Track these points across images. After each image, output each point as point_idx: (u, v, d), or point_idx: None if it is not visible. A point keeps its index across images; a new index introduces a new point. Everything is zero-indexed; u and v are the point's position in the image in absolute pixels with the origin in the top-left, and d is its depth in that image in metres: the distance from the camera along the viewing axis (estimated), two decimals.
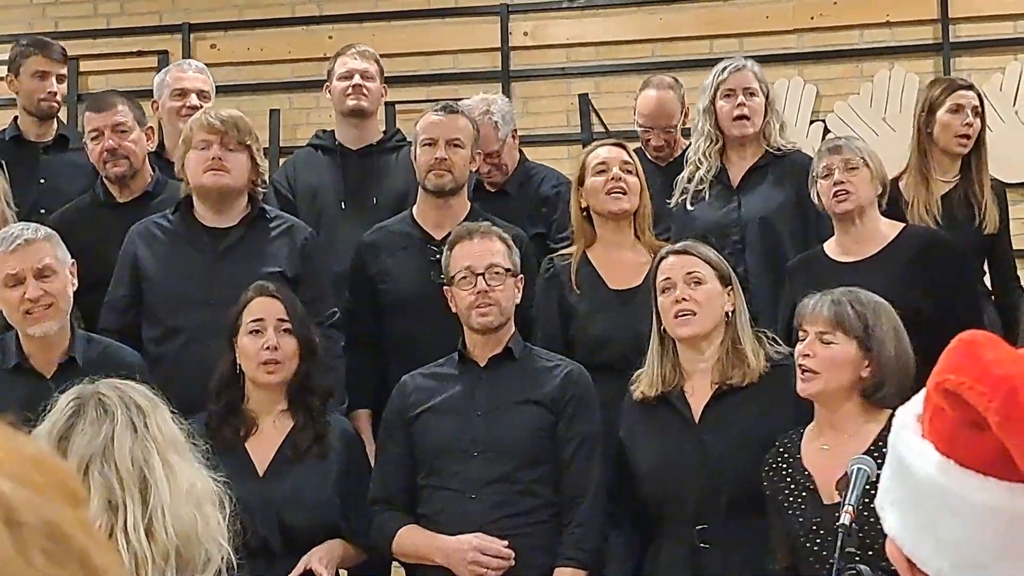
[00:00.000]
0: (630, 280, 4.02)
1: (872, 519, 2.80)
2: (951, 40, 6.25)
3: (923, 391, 1.33)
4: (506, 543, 3.55)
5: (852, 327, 3.21)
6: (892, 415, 3.25)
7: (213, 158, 4.04)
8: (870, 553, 2.85)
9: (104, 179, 4.53)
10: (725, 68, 4.49)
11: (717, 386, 3.52)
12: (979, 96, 4.52)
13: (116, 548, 2.05)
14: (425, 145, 4.24)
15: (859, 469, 2.90)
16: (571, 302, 4.06)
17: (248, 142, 4.11)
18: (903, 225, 4.07)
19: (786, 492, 3.26)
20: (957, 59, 6.24)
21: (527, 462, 3.63)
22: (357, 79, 4.76)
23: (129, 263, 4.14)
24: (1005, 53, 6.23)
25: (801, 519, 3.21)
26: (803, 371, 3.26)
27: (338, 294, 4.33)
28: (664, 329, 3.58)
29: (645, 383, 3.59)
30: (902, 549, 1.26)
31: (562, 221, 4.59)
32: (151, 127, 4.58)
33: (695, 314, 3.50)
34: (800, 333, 3.31)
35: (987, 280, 4.60)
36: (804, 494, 3.23)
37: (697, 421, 3.52)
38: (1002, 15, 6.26)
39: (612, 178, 4.00)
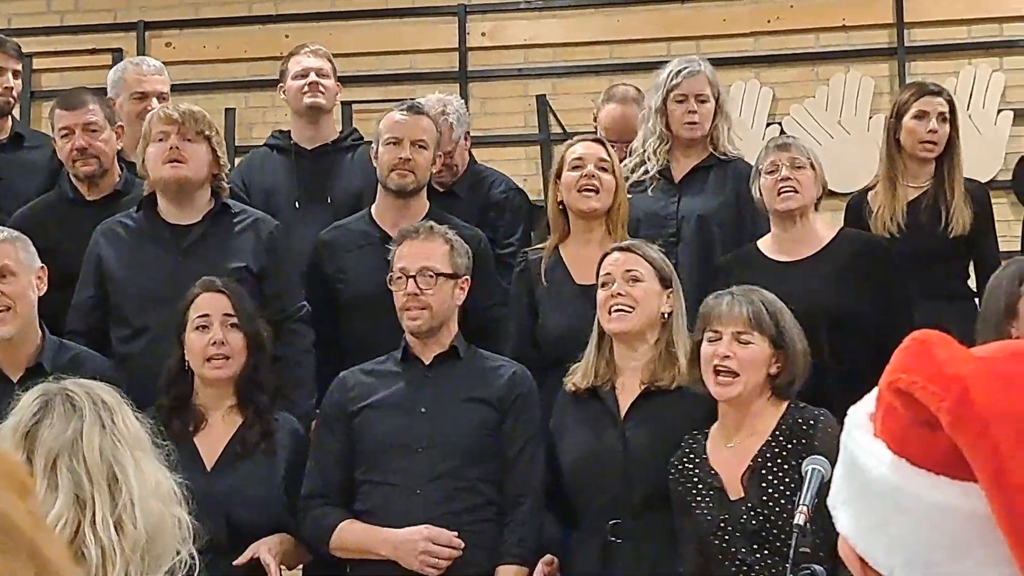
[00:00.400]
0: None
1: (820, 520, 2.81)
2: (906, 44, 6.29)
3: (875, 390, 1.34)
4: (455, 533, 3.56)
5: (767, 326, 3.26)
6: (788, 405, 3.30)
7: (171, 148, 4.02)
8: (821, 554, 2.86)
9: (72, 177, 4.48)
10: (679, 72, 4.50)
11: (646, 385, 3.53)
12: (949, 101, 4.52)
13: (81, 542, 2.05)
14: (389, 144, 4.23)
15: (814, 469, 2.91)
16: (538, 296, 4.06)
17: (207, 133, 4.09)
18: (839, 228, 4.09)
19: (693, 492, 3.28)
20: (912, 63, 6.28)
21: (471, 459, 3.64)
22: (313, 77, 4.74)
23: (94, 264, 4.12)
24: (959, 58, 6.28)
25: (709, 517, 3.23)
26: (721, 373, 3.25)
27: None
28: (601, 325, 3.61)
29: (579, 375, 3.62)
30: (855, 548, 1.27)
31: (509, 227, 4.60)
32: (121, 126, 4.55)
33: (630, 310, 3.51)
34: (710, 334, 3.30)
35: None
36: (711, 492, 3.25)
37: (623, 417, 3.53)
38: (956, 20, 6.31)
39: (585, 175, 4.00)
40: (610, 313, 3.54)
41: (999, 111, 6.19)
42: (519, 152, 6.45)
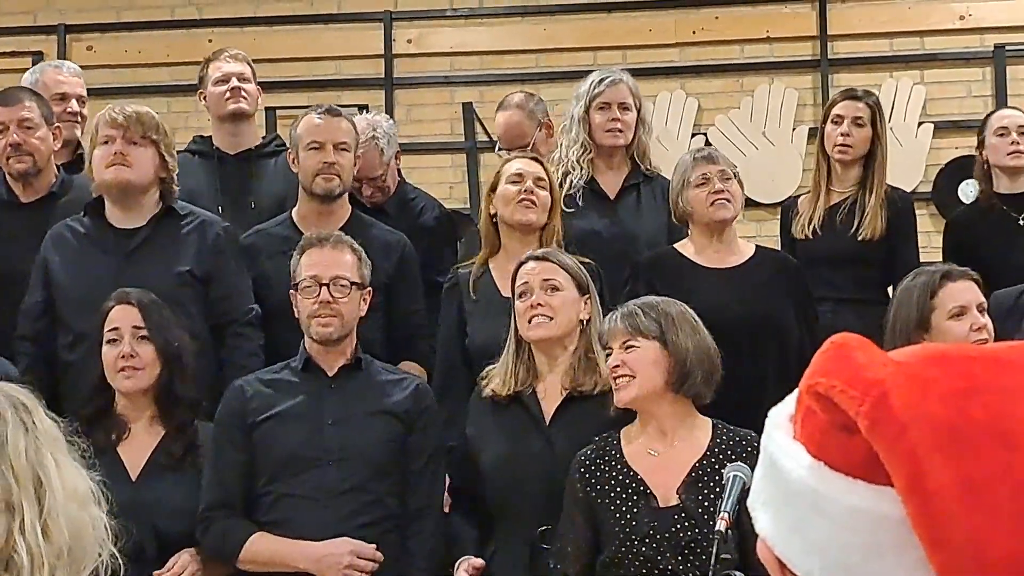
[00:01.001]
0: None
1: (742, 527, 2.82)
2: (829, 57, 6.37)
3: (795, 392, 1.33)
4: (375, 546, 3.53)
5: (648, 328, 3.29)
6: (715, 424, 3.31)
7: (115, 152, 3.98)
8: (742, 561, 2.87)
9: (7, 177, 4.41)
10: (602, 80, 4.52)
11: (568, 391, 3.53)
12: (871, 106, 4.57)
13: (12, 548, 2.00)
14: (311, 149, 4.18)
15: (735, 476, 2.92)
16: (467, 310, 4.04)
17: (154, 137, 4.03)
18: (755, 245, 4.14)
19: (612, 495, 3.25)
20: (835, 75, 6.35)
21: (378, 472, 3.61)
22: (234, 82, 4.69)
23: (42, 268, 4.06)
24: (882, 70, 6.37)
25: (634, 522, 3.21)
26: (616, 379, 3.28)
27: None
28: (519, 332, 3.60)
29: (497, 382, 3.59)
30: (773, 549, 1.26)
31: (441, 255, 4.57)
32: (59, 126, 4.47)
33: (550, 319, 3.51)
34: (607, 352, 3.36)
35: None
36: (635, 496, 3.23)
37: (547, 422, 3.52)
38: (879, 33, 6.39)
39: (525, 190, 3.98)
40: (529, 322, 3.53)
41: (920, 123, 6.28)
42: (445, 159, 6.44)
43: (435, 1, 6.63)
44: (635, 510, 3.21)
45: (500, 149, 4.84)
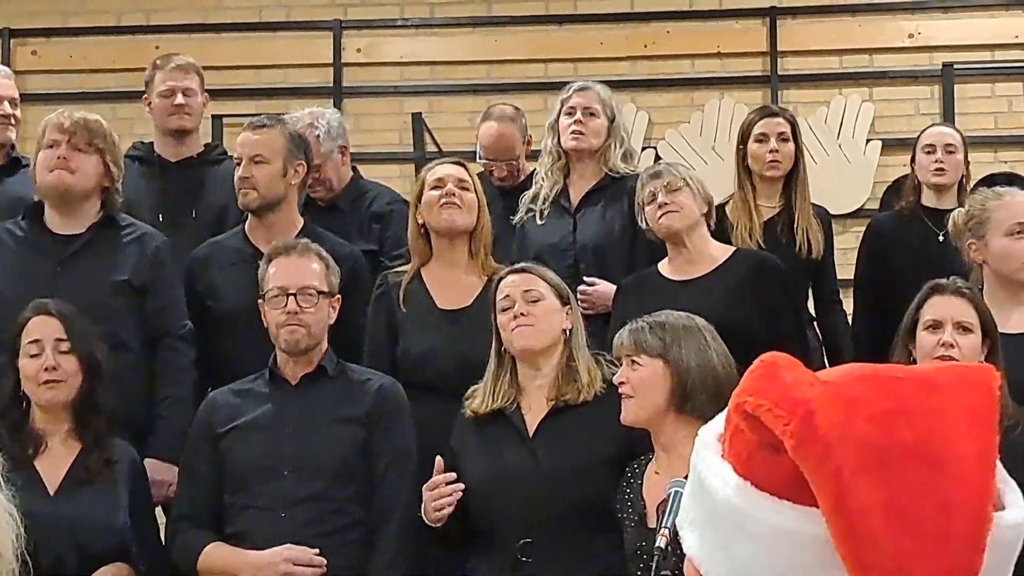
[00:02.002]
0: (460, 300, 3.98)
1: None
2: (779, 73, 6.39)
3: (724, 411, 1.32)
4: (316, 551, 3.50)
5: (651, 346, 3.27)
6: None
7: (58, 157, 3.94)
8: None
9: None
10: (571, 87, 4.54)
11: (552, 403, 3.52)
12: (791, 122, 4.60)
13: None
14: (236, 164, 4.18)
15: (676, 492, 2.90)
16: (399, 319, 4.01)
17: (100, 145, 4.00)
18: (734, 248, 4.12)
19: (624, 518, 3.29)
20: (785, 91, 6.38)
21: (339, 480, 3.58)
22: (179, 98, 4.63)
23: None
24: (830, 87, 6.40)
25: (628, 543, 3.23)
26: (622, 398, 3.30)
27: None
28: (503, 349, 3.57)
29: (479, 400, 3.57)
30: (699, 569, 1.25)
31: (397, 238, 4.54)
32: None
33: (533, 327, 3.51)
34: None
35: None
36: (636, 518, 3.25)
37: (531, 435, 3.51)
38: (828, 50, 6.43)
39: (446, 192, 3.95)
40: (514, 332, 3.52)
41: (868, 140, 6.32)
42: (394, 170, 6.41)
43: (385, 11, 6.61)
44: (632, 531, 3.24)
45: (483, 159, 4.81)
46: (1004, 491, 1.26)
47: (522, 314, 3.50)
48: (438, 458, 3.46)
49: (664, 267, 4.05)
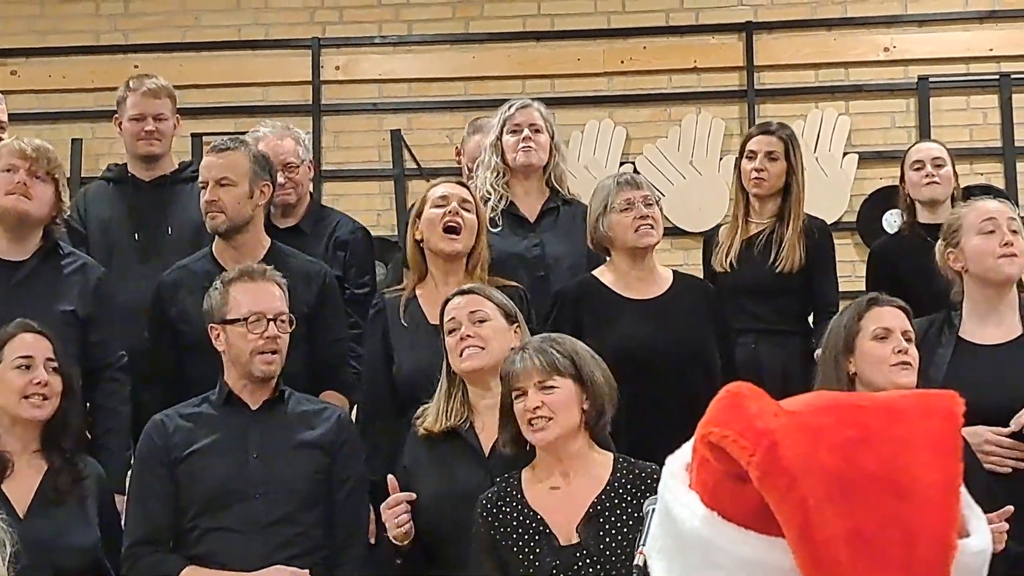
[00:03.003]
0: None
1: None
2: (756, 87, 6.41)
3: (691, 440, 1.33)
4: (307, 572, 3.51)
5: (564, 366, 3.23)
6: (616, 457, 3.28)
7: (18, 182, 3.96)
8: None
9: None
10: (512, 105, 4.56)
11: (503, 433, 3.51)
12: (784, 139, 4.60)
13: None
14: (201, 187, 4.18)
15: (653, 510, 2.90)
16: (393, 338, 4.00)
17: (55, 174, 4.04)
18: (672, 271, 4.13)
19: (514, 537, 3.22)
20: (761, 106, 6.40)
21: (304, 505, 3.60)
22: (150, 123, 4.63)
23: None
24: (807, 101, 6.42)
25: (537, 563, 3.18)
26: (534, 421, 3.21)
27: (131, 327, 4.22)
28: (452, 369, 3.56)
29: (431, 419, 3.55)
30: None
31: (361, 268, 4.55)
32: None
33: (482, 349, 3.49)
34: (516, 393, 3.25)
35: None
36: (537, 536, 3.20)
37: (487, 455, 3.50)
38: (804, 64, 6.45)
39: (449, 211, 3.94)
40: (461, 355, 3.50)
41: (845, 154, 6.34)
42: (373, 187, 6.41)
43: (363, 28, 6.61)
44: (537, 550, 3.17)
45: (470, 171, 4.81)
46: (969, 517, 1.27)
47: (469, 335, 3.50)
48: (390, 477, 3.44)
49: (611, 281, 4.02)
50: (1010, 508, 3.14)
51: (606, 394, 3.24)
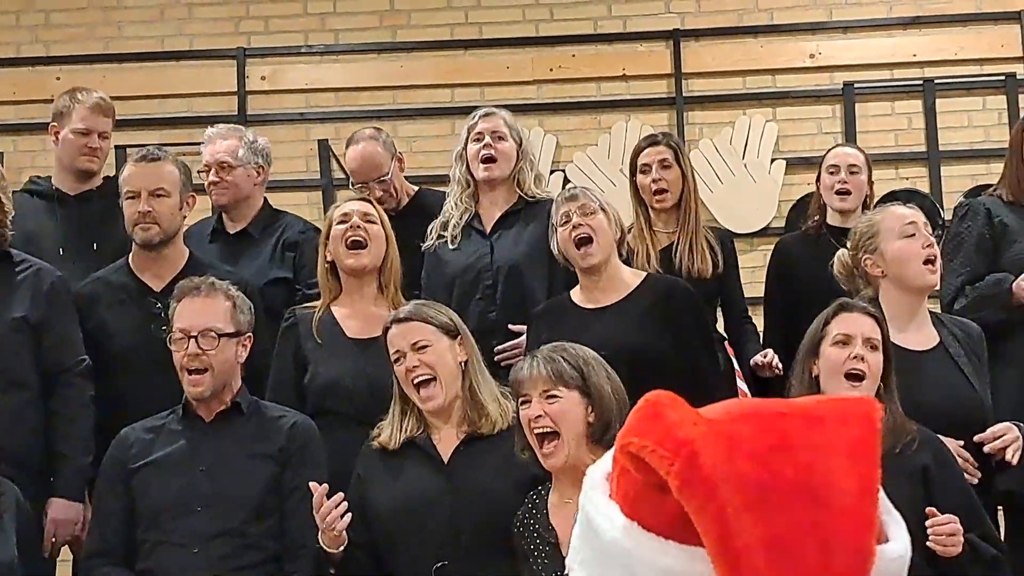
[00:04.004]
0: (370, 331, 3.95)
1: None
2: (684, 94, 6.44)
3: (611, 451, 1.32)
4: None
5: (571, 377, 3.23)
6: None
7: None
8: None
9: None
10: (477, 114, 4.53)
11: (466, 432, 3.50)
12: (672, 147, 4.58)
13: None
14: (128, 198, 4.10)
15: None
16: (307, 351, 3.97)
17: None
18: (645, 274, 4.12)
19: (532, 549, 3.25)
20: (690, 113, 6.43)
21: (253, 516, 3.56)
22: (95, 141, 4.55)
23: None
24: (735, 107, 6.46)
25: (544, 574, 3.20)
26: (542, 437, 3.21)
27: None
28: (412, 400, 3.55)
29: (387, 435, 3.54)
30: None
31: (312, 267, 4.51)
32: None
33: (434, 378, 3.48)
34: (522, 399, 3.27)
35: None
36: (547, 549, 3.22)
37: (446, 462, 3.48)
38: (732, 71, 6.49)
39: (351, 226, 3.93)
40: (419, 391, 3.49)
41: (772, 160, 6.38)
42: (301, 197, 6.37)
43: (289, 38, 6.57)
44: (546, 562, 3.20)
45: (354, 184, 4.77)
46: (887, 523, 1.27)
47: (415, 366, 3.48)
48: (312, 484, 3.38)
49: (576, 295, 4.03)
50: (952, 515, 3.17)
51: (613, 407, 3.22)
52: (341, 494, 3.38)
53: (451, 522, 3.41)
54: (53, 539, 3.85)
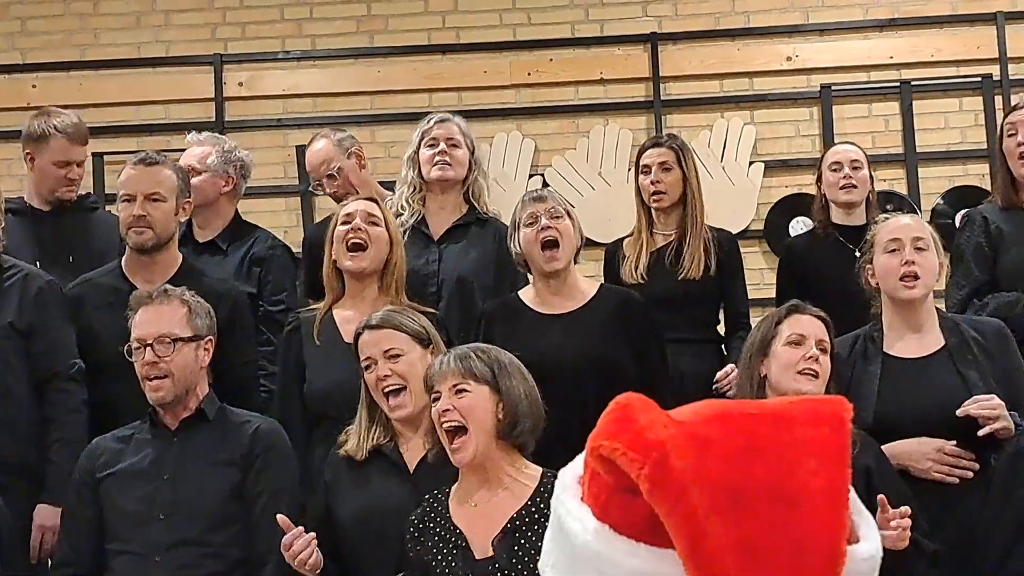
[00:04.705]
0: None
1: None
2: (662, 98, 6.44)
3: (583, 453, 1.32)
4: None
5: (481, 372, 3.22)
6: (544, 473, 3.27)
7: None
8: None
9: None
10: (431, 119, 4.54)
11: (434, 443, 3.48)
12: (675, 149, 4.61)
13: None
14: (124, 201, 4.06)
15: None
16: (307, 355, 3.96)
17: None
18: (599, 284, 4.13)
19: (435, 551, 3.20)
20: (668, 116, 6.43)
21: (216, 524, 3.54)
22: (74, 171, 4.52)
23: None
24: (713, 111, 6.47)
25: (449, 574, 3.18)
26: (451, 432, 3.18)
27: None
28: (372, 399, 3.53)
29: (353, 443, 3.52)
30: None
31: (277, 283, 4.50)
32: None
33: (404, 388, 3.46)
34: (433, 396, 3.25)
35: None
36: (455, 551, 3.18)
37: (412, 470, 3.47)
38: (709, 74, 6.49)
39: (353, 228, 3.92)
40: (388, 399, 3.46)
41: (751, 163, 6.39)
42: (279, 203, 6.36)
43: (266, 44, 6.56)
44: (453, 564, 3.16)
45: (314, 183, 4.83)
46: (858, 523, 1.27)
47: (386, 375, 3.46)
48: (279, 516, 3.33)
49: (530, 298, 4.02)
50: (907, 509, 3.19)
51: (523, 404, 3.21)
52: (313, 535, 3.34)
53: None
54: (40, 545, 3.83)
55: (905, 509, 3.18)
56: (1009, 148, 4.41)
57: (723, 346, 4.57)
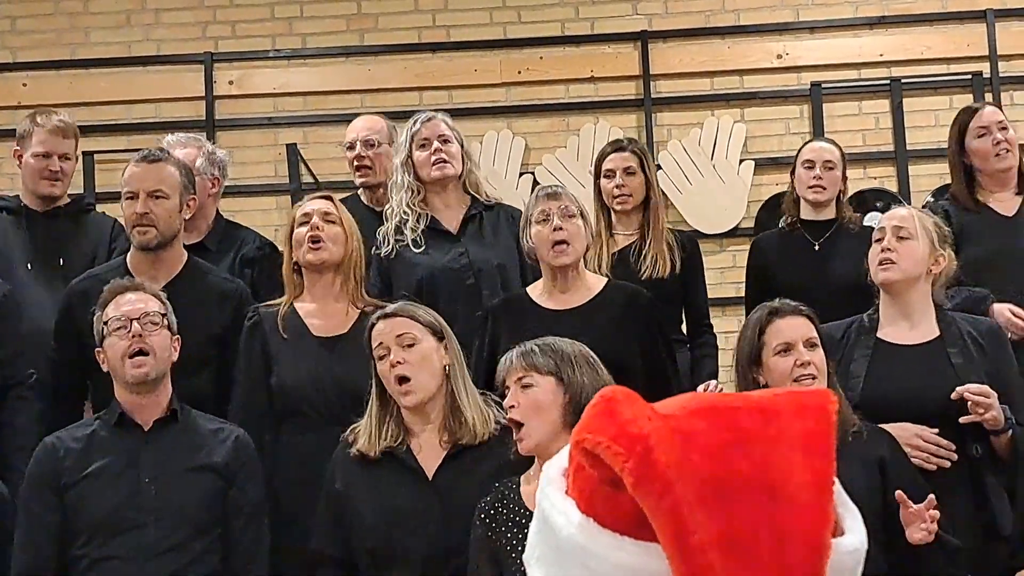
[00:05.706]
0: (335, 328, 3.94)
1: None
2: (652, 96, 6.44)
3: (567, 447, 1.32)
4: None
5: (544, 364, 3.26)
6: None
7: None
8: None
9: None
10: (416, 120, 4.53)
11: (449, 446, 3.47)
12: (637, 153, 4.65)
13: None
14: (127, 199, 4.04)
15: None
16: (273, 349, 3.95)
17: None
18: (606, 280, 4.13)
19: (508, 536, 3.22)
20: (658, 114, 6.43)
21: (199, 530, 3.50)
22: (56, 163, 4.49)
23: None
24: (703, 109, 6.46)
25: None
26: (516, 427, 3.23)
27: (29, 355, 4.09)
28: (386, 392, 3.52)
29: (364, 440, 3.50)
30: None
31: (268, 284, 4.49)
32: None
33: (415, 376, 3.46)
34: (505, 391, 3.31)
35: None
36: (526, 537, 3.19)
37: (431, 477, 3.46)
38: (700, 72, 6.50)
39: (311, 226, 3.92)
40: (399, 387, 3.46)
41: (741, 161, 6.39)
42: (270, 202, 6.35)
43: (257, 42, 6.54)
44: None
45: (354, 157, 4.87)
46: (843, 516, 1.27)
47: (399, 362, 3.46)
48: None
49: (537, 294, 4.04)
50: (933, 499, 3.19)
51: (586, 392, 3.22)
52: None
53: (440, 537, 3.38)
54: None
55: (932, 500, 3.18)
56: (983, 148, 4.57)
57: (688, 346, 4.59)
